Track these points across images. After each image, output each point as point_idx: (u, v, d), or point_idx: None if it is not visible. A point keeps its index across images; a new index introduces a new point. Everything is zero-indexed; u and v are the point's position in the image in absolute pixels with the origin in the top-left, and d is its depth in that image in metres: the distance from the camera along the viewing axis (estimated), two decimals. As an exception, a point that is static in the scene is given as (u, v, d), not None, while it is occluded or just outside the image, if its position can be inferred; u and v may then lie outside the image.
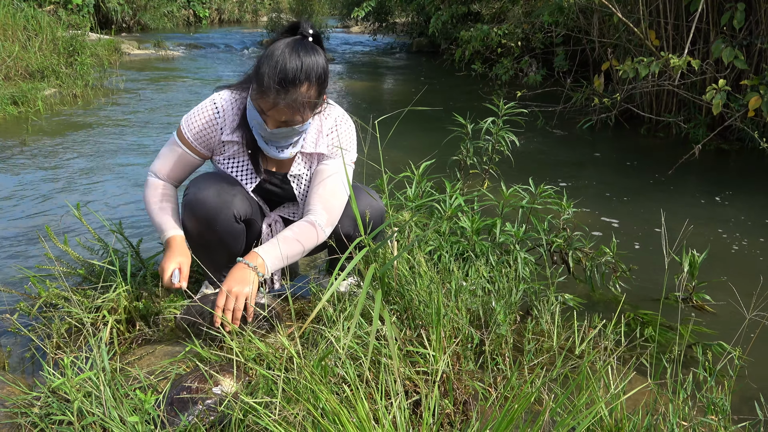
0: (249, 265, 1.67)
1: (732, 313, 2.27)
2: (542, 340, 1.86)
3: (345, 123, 1.89)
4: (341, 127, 1.88)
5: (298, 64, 1.61)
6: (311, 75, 1.64)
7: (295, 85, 1.62)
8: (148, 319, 1.95)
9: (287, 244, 1.75)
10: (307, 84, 1.64)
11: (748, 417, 1.52)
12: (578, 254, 2.37)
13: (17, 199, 3.34)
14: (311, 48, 1.66)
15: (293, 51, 1.62)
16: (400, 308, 1.75)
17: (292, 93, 1.62)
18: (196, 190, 1.81)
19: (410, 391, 1.45)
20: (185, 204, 1.83)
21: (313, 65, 1.64)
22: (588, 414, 1.17)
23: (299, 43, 1.65)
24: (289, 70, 1.60)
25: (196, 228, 1.83)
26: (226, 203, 1.80)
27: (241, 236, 1.91)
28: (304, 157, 1.90)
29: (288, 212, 2.04)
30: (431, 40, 10.78)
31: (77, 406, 1.30)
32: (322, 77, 1.68)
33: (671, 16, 4.97)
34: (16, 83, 5.93)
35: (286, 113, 1.66)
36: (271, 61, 1.61)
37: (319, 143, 1.86)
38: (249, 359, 1.50)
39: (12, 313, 1.99)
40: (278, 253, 1.73)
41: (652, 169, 4.30)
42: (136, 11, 13.36)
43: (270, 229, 1.98)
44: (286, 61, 1.60)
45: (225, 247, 1.88)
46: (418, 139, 4.88)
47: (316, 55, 1.66)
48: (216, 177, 1.86)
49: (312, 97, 1.68)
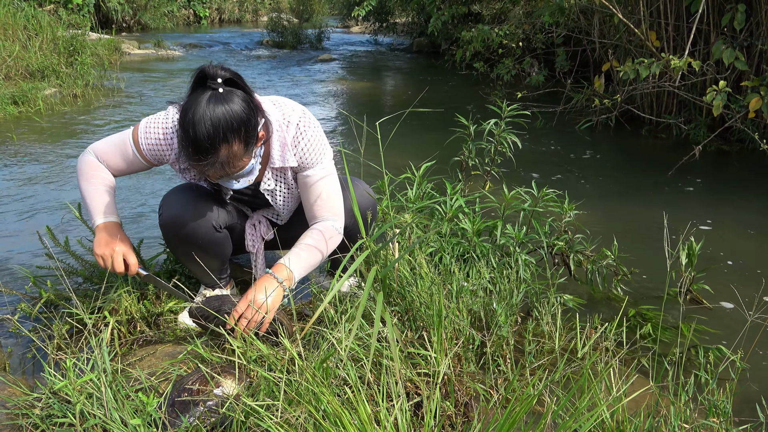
0: (278, 279, 1.66)
1: (733, 314, 2.27)
2: (543, 341, 1.86)
3: (309, 128, 1.74)
4: (306, 133, 1.74)
5: (209, 130, 1.46)
6: (228, 134, 1.48)
7: (211, 153, 1.49)
8: (149, 320, 1.95)
9: (310, 253, 1.74)
10: (226, 145, 1.50)
11: (749, 419, 1.52)
12: (579, 257, 2.37)
13: (17, 199, 3.33)
14: (222, 100, 1.49)
15: (201, 114, 1.46)
16: (402, 310, 1.75)
17: (212, 159, 1.50)
18: (171, 209, 1.78)
19: (411, 393, 1.45)
20: (163, 225, 1.80)
21: (227, 122, 1.48)
22: (590, 416, 1.17)
23: (209, 99, 1.48)
24: (201, 138, 1.46)
25: (180, 245, 1.83)
26: (203, 216, 1.79)
27: (225, 242, 1.91)
28: (274, 172, 1.82)
29: (271, 214, 2.02)
30: (432, 40, 10.77)
31: (79, 408, 1.30)
32: (241, 129, 1.51)
33: (672, 17, 4.96)
34: (17, 83, 5.93)
35: (216, 173, 1.58)
36: (183, 130, 1.49)
37: (286, 157, 1.74)
38: (250, 361, 1.50)
39: (13, 314, 1.99)
40: (304, 264, 1.72)
41: (652, 170, 4.29)
42: (136, 11, 13.35)
43: (254, 228, 1.97)
44: (195, 128, 1.46)
45: (213, 256, 1.89)
46: (418, 139, 4.88)
47: (230, 106, 1.49)
48: (188, 191, 1.83)
49: (237, 152, 1.53)
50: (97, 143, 1.82)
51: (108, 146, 1.79)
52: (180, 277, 2.18)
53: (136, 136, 1.75)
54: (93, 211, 1.74)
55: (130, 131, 1.77)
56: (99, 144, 1.81)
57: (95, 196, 1.75)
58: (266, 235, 1.97)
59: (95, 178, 1.76)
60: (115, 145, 1.78)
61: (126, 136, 1.77)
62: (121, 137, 1.78)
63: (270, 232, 1.98)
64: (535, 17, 6.65)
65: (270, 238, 1.99)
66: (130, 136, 1.76)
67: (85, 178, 1.77)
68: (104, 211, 1.74)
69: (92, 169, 1.77)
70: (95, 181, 1.76)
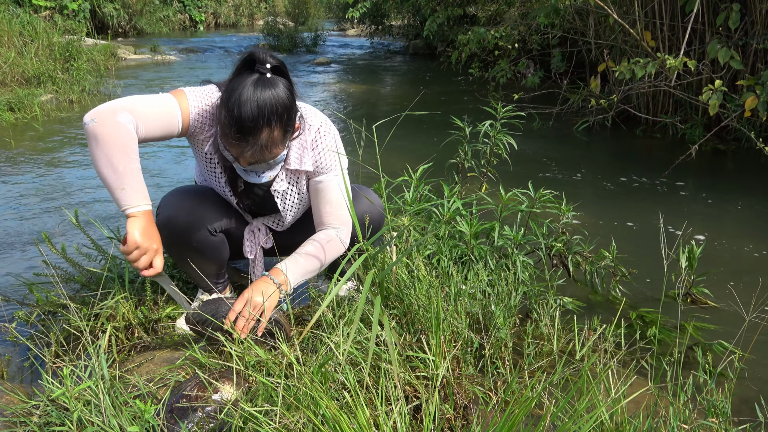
0: (274, 281, 1.66)
1: (732, 314, 2.27)
2: (542, 343, 1.86)
3: (328, 134, 1.77)
4: (326, 138, 1.76)
5: (254, 111, 1.48)
6: (271, 118, 1.50)
7: (254, 134, 1.50)
8: (146, 326, 1.95)
9: (309, 260, 1.73)
10: (268, 129, 1.51)
11: (748, 419, 1.52)
12: (578, 258, 2.37)
13: (14, 206, 3.33)
14: (269, 85, 1.50)
15: (249, 95, 1.48)
16: (400, 313, 1.75)
17: (252, 141, 1.52)
18: (167, 210, 1.77)
19: (410, 397, 1.45)
20: (159, 225, 1.75)
21: (272, 106, 1.50)
22: (589, 418, 1.17)
23: (256, 82, 1.50)
24: (245, 119, 1.47)
25: (175, 247, 1.82)
26: (199, 220, 1.79)
27: (221, 246, 1.90)
28: (289, 173, 1.81)
29: (271, 222, 1.99)
30: (427, 42, 10.80)
31: (77, 416, 1.30)
32: (284, 115, 1.54)
33: (667, 17, 4.98)
34: (13, 89, 5.92)
35: (254, 156, 1.58)
36: (227, 109, 1.49)
37: (304, 160, 1.75)
38: (248, 366, 1.49)
39: (10, 322, 1.99)
40: (301, 270, 1.71)
41: (649, 169, 4.30)
42: (132, 16, 13.36)
43: (252, 235, 1.96)
44: (241, 108, 1.47)
45: (209, 260, 1.89)
46: (415, 142, 4.88)
47: (276, 91, 1.51)
48: (186, 193, 1.82)
49: (277, 138, 1.56)
50: (128, 100, 1.55)
51: (147, 105, 1.56)
52: (178, 282, 2.17)
53: (183, 101, 1.61)
54: (130, 191, 1.50)
55: (169, 95, 1.61)
56: (134, 101, 1.55)
57: (134, 174, 1.51)
58: (265, 244, 1.97)
59: (131, 150, 1.50)
60: (156, 105, 1.57)
61: (165, 97, 1.60)
62: (160, 97, 1.59)
63: (269, 240, 1.98)
64: (530, 18, 6.67)
65: (268, 247, 1.99)
66: (173, 100, 1.60)
67: (114, 145, 1.47)
68: (144, 195, 1.53)
69: (128, 137, 1.50)
70: (133, 154, 1.51)
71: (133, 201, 1.50)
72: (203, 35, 14.71)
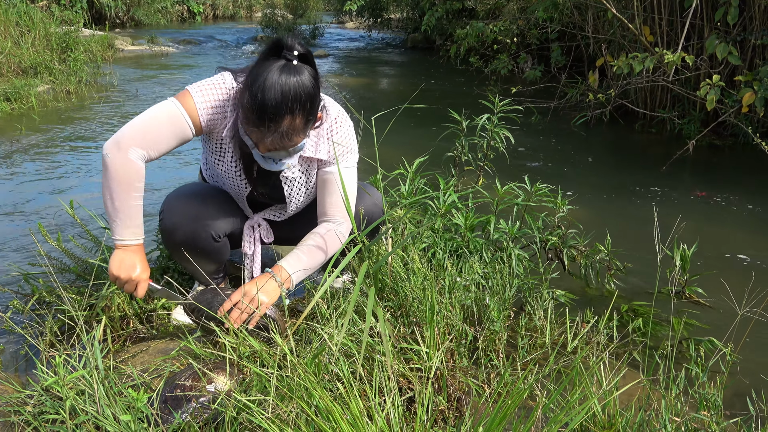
0: (276, 279, 1.65)
1: (724, 308, 2.28)
2: (536, 336, 1.86)
3: (344, 125, 1.79)
4: (341, 129, 1.78)
5: (278, 98, 1.46)
6: (294, 106, 1.49)
7: (276, 121, 1.49)
8: (141, 317, 1.95)
9: (311, 256, 1.72)
10: (290, 116, 1.50)
11: (740, 412, 1.53)
12: (573, 252, 2.37)
13: (10, 197, 3.32)
14: (295, 72, 1.49)
15: (274, 81, 1.46)
16: (394, 305, 1.75)
17: (274, 128, 1.51)
18: (171, 216, 1.76)
19: (404, 388, 1.45)
20: (162, 230, 1.79)
21: (296, 94, 1.48)
22: (581, 410, 1.17)
23: (282, 68, 1.48)
24: (268, 104, 1.46)
25: (177, 251, 1.82)
26: (203, 226, 1.79)
27: (223, 249, 1.91)
28: (302, 160, 1.81)
29: (272, 213, 1.99)
30: (426, 36, 10.76)
31: (70, 405, 1.30)
32: (308, 104, 1.52)
33: (665, 12, 4.97)
34: (9, 80, 5.89)
35: (274, 143, 1.57)
36: (251, 94, 1.48)
37: (319, 148, 1.76)
38: (243, 357, 1.50)
39: (5, 311, 1.99)
40: (303, 267, 1.70)
41: (646, 164, 4.31)
42: (129, 7, 13.28)
43: (252, 230, 1.95)
44: (265, 94, 1.46)
45: (210, 261, 1.90)
46: (412, 135, 4.87)
47: (301, 78, 1.49)
48: (190, 196, 1.81)
49: (298, 126, 1.54)
50: (129, 131, 1.58)
51: (148, 128, 1.59)
52: (173, 274, 2.17)
53: (189, 104, 1.62)
54: (121, 226, 1.59)
55: (173, 102, 1.62)
56: (134, 130, 1.58)
57: (129, 211, 1.59)
58: (266, 238, 1.97)
59: (134, 189, 1.58)
60: (159, 124, 1.59)
61: (170, 108, 1.61)
62: (164, 112, 1.60)
63: (269, 236, 1.97)
64: (529, 13, 6.65)
65: (269, 242, 1.99)
66: (179, 107, 1.61)
67: (117, 181, 1.55)
68: (134, 231, 1.61)
69: (134, 175, 1.57)
70: (134, 192, 1.58)
71: (120, 235, 1.60)
72: (201, 27, 14.65)
